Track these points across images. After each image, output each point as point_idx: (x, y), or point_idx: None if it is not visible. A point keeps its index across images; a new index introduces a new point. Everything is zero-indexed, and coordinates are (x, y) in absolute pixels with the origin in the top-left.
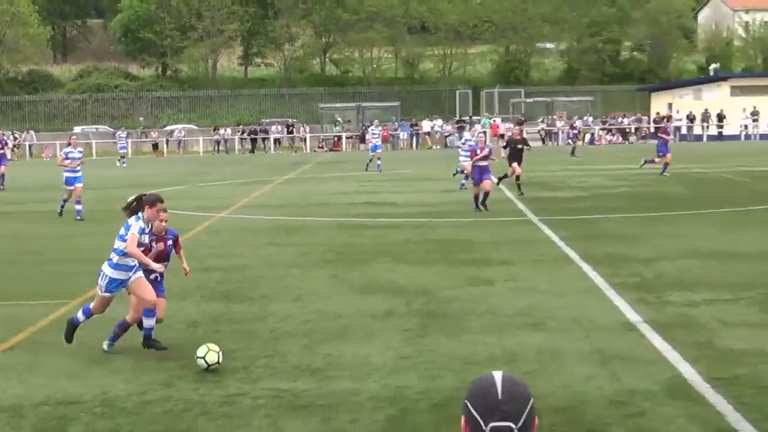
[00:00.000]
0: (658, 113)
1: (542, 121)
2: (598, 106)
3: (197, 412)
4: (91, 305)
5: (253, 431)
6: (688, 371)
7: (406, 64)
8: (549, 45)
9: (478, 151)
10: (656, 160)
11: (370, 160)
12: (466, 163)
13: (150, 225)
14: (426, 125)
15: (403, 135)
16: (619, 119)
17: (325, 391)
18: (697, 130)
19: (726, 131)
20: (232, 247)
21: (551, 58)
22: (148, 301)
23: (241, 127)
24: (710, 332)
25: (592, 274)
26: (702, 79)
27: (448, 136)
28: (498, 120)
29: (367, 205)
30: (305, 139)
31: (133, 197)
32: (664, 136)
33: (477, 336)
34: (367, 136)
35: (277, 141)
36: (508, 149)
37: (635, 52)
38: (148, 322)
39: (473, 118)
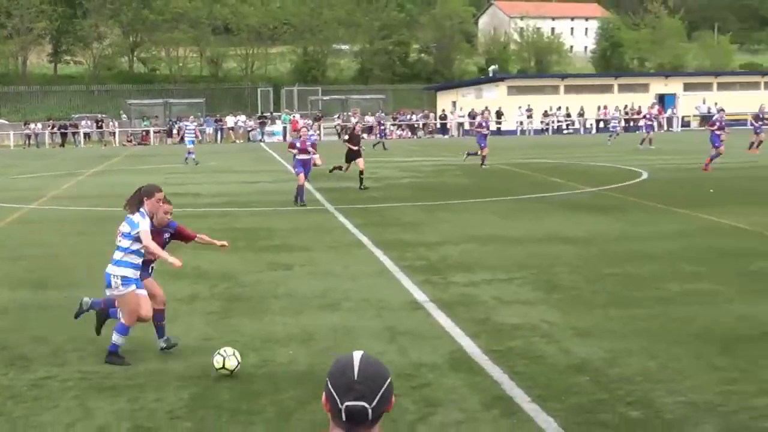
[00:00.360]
0: (471, 111)
1: (338, 117)
2: (389, 103)
3: (6, 396)
4: (123, 319)
5: (62, 412)
6: (468, 345)
7: (210, 63)
8: (344, 46)
9: (298, 145)
10: (479, 152)
11: (192, 153)
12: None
13: (153, 217)
14: (230, 120)
15: (209, 130)
16: (408, 116)
17: (132, 372)
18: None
19: (504, 127)
20: (43, 237)
21: (346, 59)
22: (134, 315)
23: (51, 121)
24: (488, 309)
25: (383, 258)
26: (482, 79)
27: (250, 130)
28: (297, 116)
29: (174, 196)
30: (114, 134)
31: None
32: (481, 130)
33: (277, 317)
34: (174, 131)
35: (86, 135)
36: (348, 144)
37: (423, 54)
38: (117, 339)
39: (274, 114)
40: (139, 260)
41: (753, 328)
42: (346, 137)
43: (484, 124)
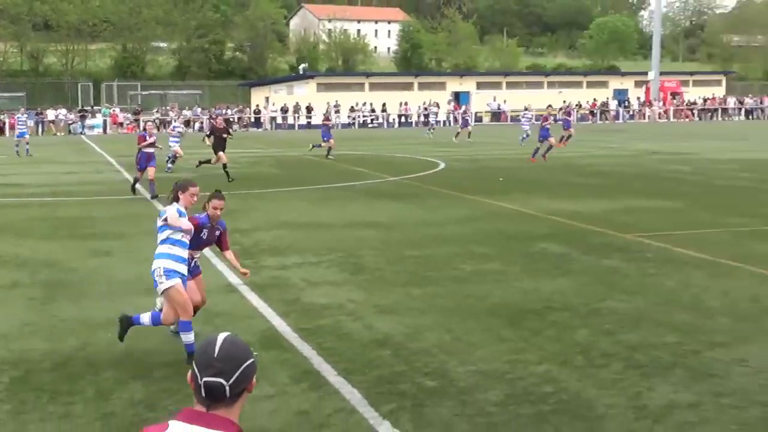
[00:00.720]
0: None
1: (157, 111)
2: (206, 98)
3: None
4: (162, 316)
5: None
6: (279, 324)
7: (31, 57)
8: (162, 44)
9: (147, 138)
10: (322, 144)
11: (17, 146)
12: (176, 147)
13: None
14: (51, 114)
15: (30, 123)
16: (224, 110)
17: None
18: (290, 120)
19: (314, 121)
20: None
21: (164, 56)
22: (187, 307)
23: None
24: (298, 290)
25: None
26: (293, 76)
27: (71, 123)
28: (117, 110)
29: None
30: None
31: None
32: (327, 123)
33: (96, 301)
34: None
35: None
36: (212, 138)
37: (237, 52)
38: (187, 338)
39: (94, 108)
40: (183, 252)
41: (536, 303)
42: (208, 133)
43: (330, 117)
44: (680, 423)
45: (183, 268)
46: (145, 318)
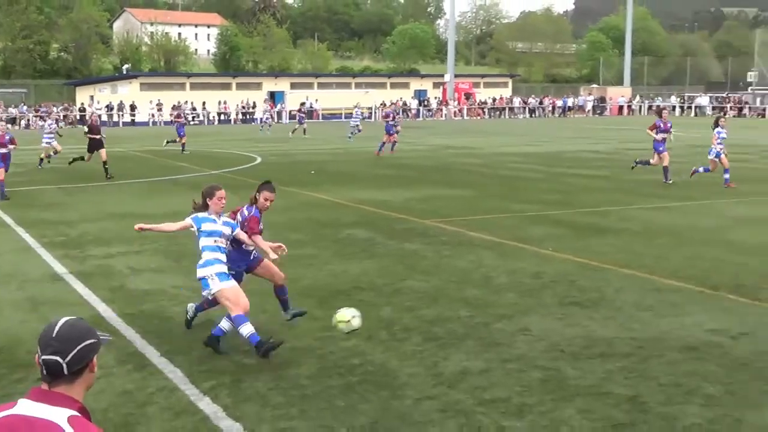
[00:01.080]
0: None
1: None
2: (31, 97)
3: None
4: (232, 312)
5: None
6: (104, 310)
7: None
8: None
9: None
10: (178, 139)
11: None
12: (54, 144)
13: (219, 216)
14: None
15: None
16: (50, 108)
17: None
18: (115, 117)
19: (138, 119)
20: None
21: None
22: (239, 304)
23: None
24: (123, 278)
25: (25, 236)
26: (117, 76)
27: None
28: None
29: None
30: None
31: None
32: (179, 120)
33: None
34: None
35: None
36: (89, 136)
37: (62, 53)
38: (245, 330)
39: None
40: (221, 255)
41: (345, 284)
42: (86, 130)
43: (183, 114)
44: (472, 387)
45: (225, 268)
46: (225, 325)
